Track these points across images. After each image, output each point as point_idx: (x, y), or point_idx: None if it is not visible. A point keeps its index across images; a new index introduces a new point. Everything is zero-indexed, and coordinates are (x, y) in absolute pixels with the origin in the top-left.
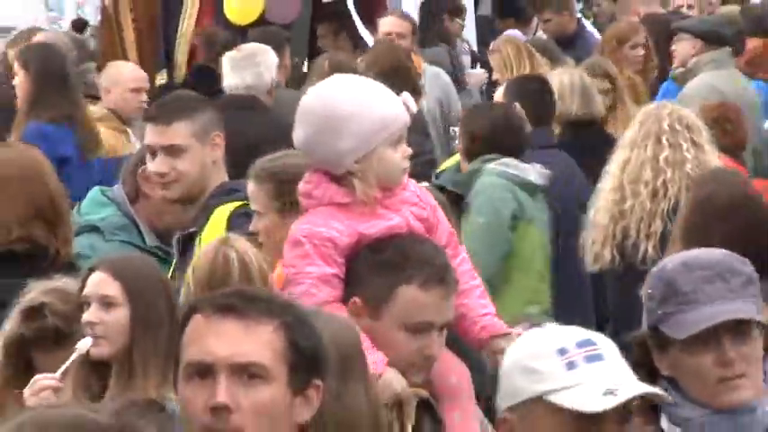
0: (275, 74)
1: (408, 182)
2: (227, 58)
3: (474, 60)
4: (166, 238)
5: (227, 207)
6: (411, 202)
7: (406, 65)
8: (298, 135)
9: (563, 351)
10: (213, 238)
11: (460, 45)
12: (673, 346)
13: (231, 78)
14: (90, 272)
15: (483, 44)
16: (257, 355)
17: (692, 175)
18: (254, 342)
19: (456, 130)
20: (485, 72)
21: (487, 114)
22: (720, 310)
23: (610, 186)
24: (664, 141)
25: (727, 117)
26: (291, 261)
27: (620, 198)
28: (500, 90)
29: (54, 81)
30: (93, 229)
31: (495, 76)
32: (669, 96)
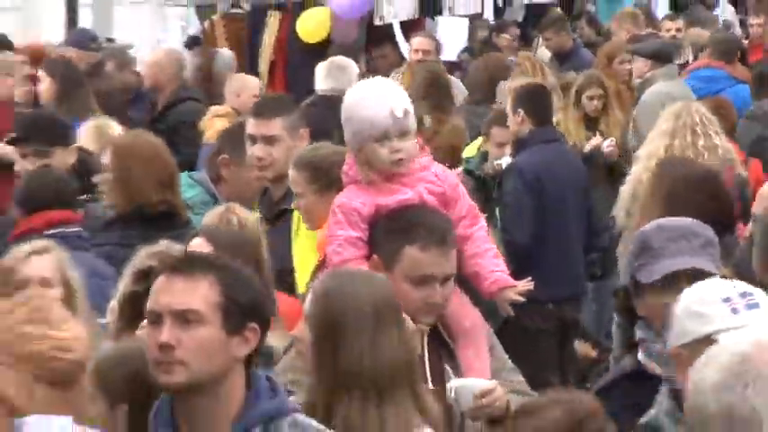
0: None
1: (431, 164)
2: (322, 67)
3: None
4: None
5: None
6: (427, 180)
7: (444, 78)
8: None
9: (727, 299)
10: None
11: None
12: (645, 291)
13: (324, 83)
14: (192, 237)
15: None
16: (194, 304)
17: (721, 157)
18: (192, 294)
19: None
20: None
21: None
22: (679, 261)
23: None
24: (699, 131)
25: (722, 105)
26: (329, 227)
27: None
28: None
29: (73, 86)
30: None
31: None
32: None
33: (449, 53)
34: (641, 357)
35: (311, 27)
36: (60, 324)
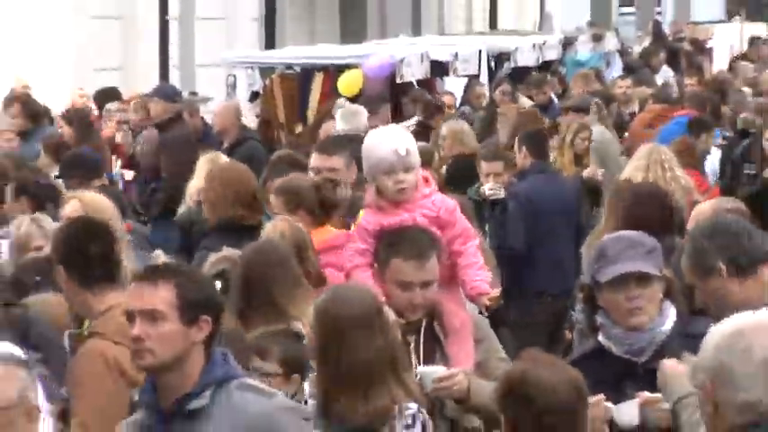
0: (366, 124)
1: (433, 193)
2: (339, 113)
3: None
4: None
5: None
6: (425, 206)
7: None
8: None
9: None
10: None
11: None
12: (603, 288)
13: (341, 124)
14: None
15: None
16: (157, 305)
17: (683, 186)
18: (155, 296)
19: None
20: None
21: None
22: (628, 266)
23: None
24: (666, 166)
25: (687, 145)
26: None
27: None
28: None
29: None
30: None
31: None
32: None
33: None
34: (601, 339)
35: (348, 84)
36: None
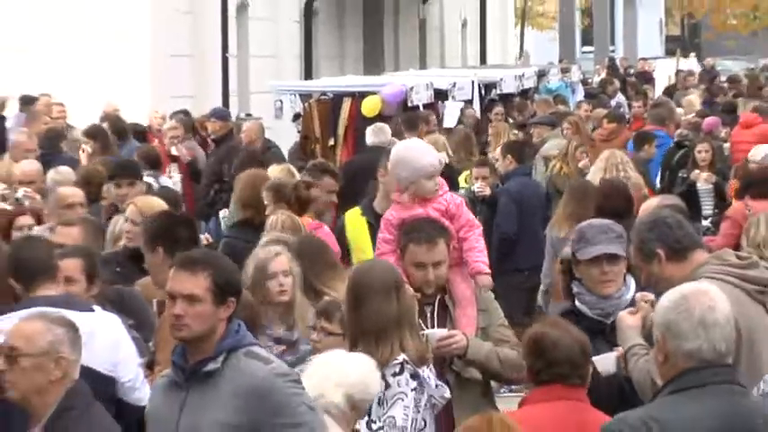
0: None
1: (443, 192)
2: (370, 129)
3: None
4: None
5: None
6: (436, 201)
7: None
8: (390, 164)
9: None
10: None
11: None
12: (581, 264)
13: (372, 138)
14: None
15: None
16: (195, 290)
17: (634, 183)
18: (194, 283)
19: None
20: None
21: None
22: (602, 248)
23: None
24: (620, 168)
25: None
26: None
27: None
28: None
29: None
30: None
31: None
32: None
33: (449, 123)
34: (577, 303)
35: (370, 107)
36: None
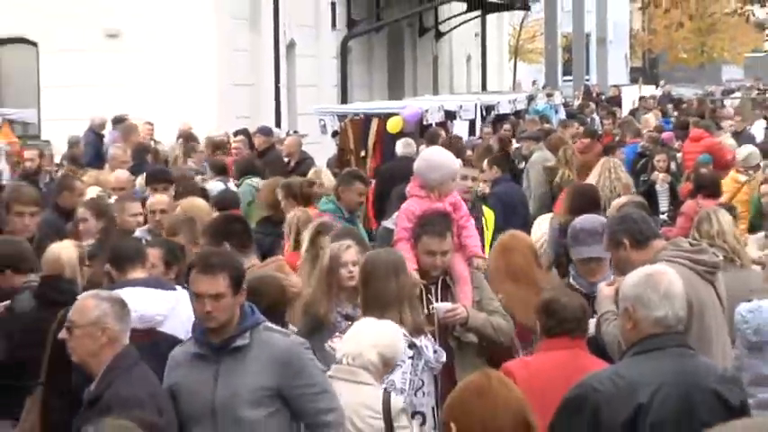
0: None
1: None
2: (399, 143)
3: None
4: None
5: None
6: (450, 197)
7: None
8: (417, 167)
9: None
10: None
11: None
12: (576, 260)
13: (402, 150)
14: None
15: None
16: (219, 289)
17: (624, 184)
18: (217, 284)
19: None
20: None
21: None
22: (591, 251)
23: None
24: (612, 172)
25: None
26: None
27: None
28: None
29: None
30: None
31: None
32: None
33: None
34: (571, 281)
35: (393, 125)
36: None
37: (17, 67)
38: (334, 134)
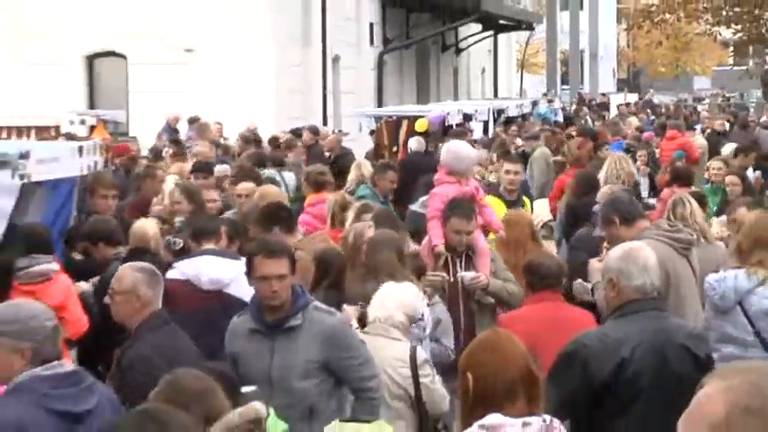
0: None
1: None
2: (412, 140)
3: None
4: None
5: None
6: (471, 182)
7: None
8: (445, 158)
9: None
10: None
11: None
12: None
13: (414, 146)
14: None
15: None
16: (282, 271)
17: (627, 172)
18: (280, 266)
19: None
20: None
21: None
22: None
23: (603, 178)
24: (618, 164)
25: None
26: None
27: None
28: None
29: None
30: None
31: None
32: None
33: (475, 135)
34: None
35: (421, 125)
36: None
37: (109, 75)
38: (371, 133)
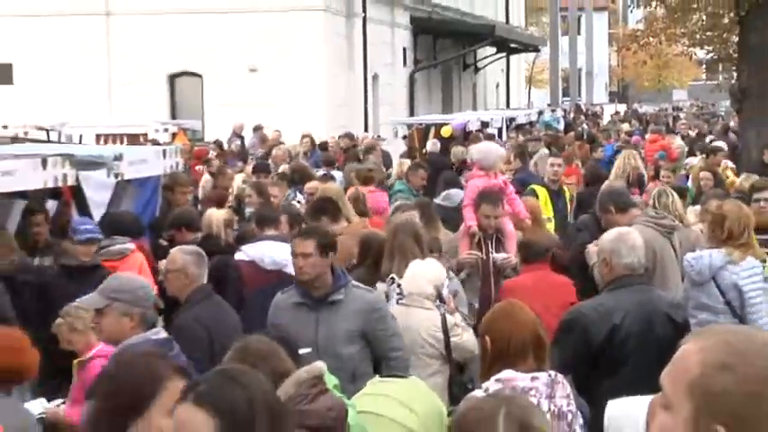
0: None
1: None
2: (429, 143)
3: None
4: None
5: None
6: (499, 177)
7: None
8: (477, 156)
9: None
10: None
11: None
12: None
13: (431, 148)
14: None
15: None
16: (309, 249)
17: (634, 167)
18: (305, 246)
19: None
20: None
21: None
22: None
23: (614, 176)
24: (628, 160)
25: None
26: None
27: (615, 177)
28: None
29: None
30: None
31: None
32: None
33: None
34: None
35: (445, 131)
36: None
37: (187, 91)
38: (404, 137)
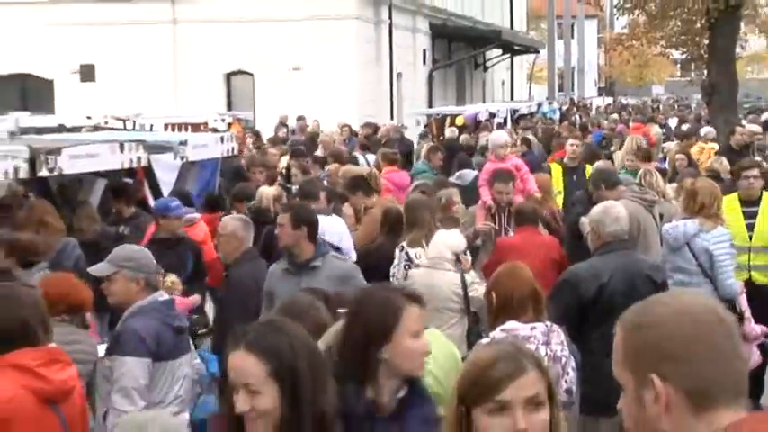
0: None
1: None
2: (447, 130)
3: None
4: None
5: None
6: (512, 160)
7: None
8: (490, 144)
9: None
10: None
11: None
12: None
13: (448, 135)
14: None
15: None
16: (282, 221)
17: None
18: (282, 218)
19: None
20: None
21: None
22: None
23: (624, 152)
24: (631, 142)
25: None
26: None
27: (626, 152)
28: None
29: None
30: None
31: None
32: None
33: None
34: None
35: (459, 120)
36: None
37: (241, 88)
38: (425, 126)
